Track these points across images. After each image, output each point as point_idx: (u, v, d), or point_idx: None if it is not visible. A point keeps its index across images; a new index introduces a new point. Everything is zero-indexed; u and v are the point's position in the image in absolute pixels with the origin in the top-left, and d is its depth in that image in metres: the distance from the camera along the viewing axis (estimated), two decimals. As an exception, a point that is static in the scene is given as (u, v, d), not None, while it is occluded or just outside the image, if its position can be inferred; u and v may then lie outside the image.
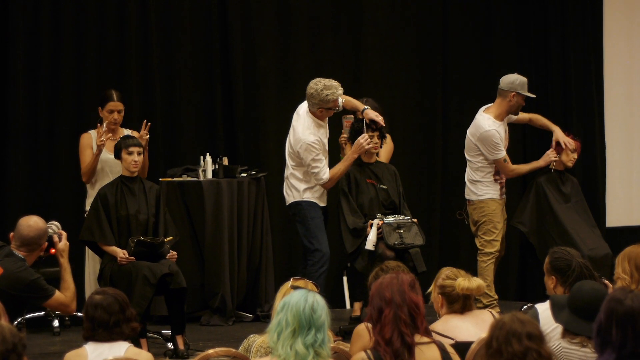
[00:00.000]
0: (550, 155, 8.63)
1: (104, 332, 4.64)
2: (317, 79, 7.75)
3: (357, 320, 8.14)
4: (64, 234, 6.21)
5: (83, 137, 7.96)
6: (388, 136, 8.29)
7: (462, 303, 4.99)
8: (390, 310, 4.10)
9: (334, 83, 7.71)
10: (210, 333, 8.21)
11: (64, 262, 6.12)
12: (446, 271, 5.07)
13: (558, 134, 8.56)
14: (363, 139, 7.84)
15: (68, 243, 6.20)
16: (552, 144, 8.67)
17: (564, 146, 8.54)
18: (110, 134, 7.74)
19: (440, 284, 5.02)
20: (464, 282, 4.94)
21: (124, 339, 4.70)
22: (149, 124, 7.82)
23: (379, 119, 7.89)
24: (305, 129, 7.73)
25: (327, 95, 7.64)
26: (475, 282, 4.97)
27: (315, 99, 7.68)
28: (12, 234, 6.08)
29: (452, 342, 4.72)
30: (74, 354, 4.71)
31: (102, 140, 7.67)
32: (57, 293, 6.01)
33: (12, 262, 5.91)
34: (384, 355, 4.07)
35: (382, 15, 9.84)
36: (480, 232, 8.30)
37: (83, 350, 4.68)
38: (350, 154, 7.90)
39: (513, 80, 8.17)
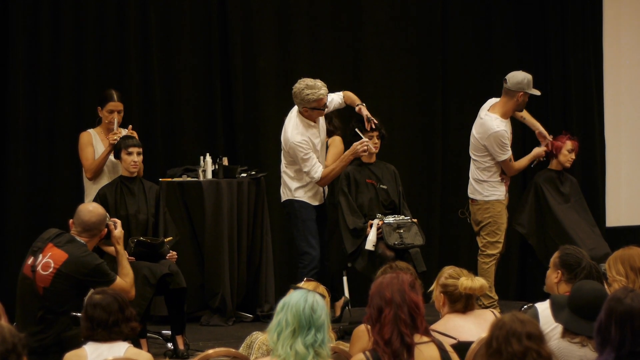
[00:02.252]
0: (540, 153, 8.62)
1: (102, 331, 4.64)
2: (303, 79, 7.77)
3: (338, 320, 8.17)
4: (119, 222, 6.34)
5: (83, 135, 7.93)
6: (338, 138, 8.26)
7: (464, 302, 4.98)
8: (390, 310, 4.08)
9: (317, 83, 7.71)
10: (210, 333, 8.21)
11: (120, 249, 6.27)
12: (449, 270, 5.05)
13: (541, 130, 8.64)
14: (360, 144, 7.83)
15: (123, 230, 6.31)
16: (548, 145, 8.70)
17: (546, 139, 8.58)
18: (120, 132, 7.70)
19: (443, 282, 5.00)
20: (467, 281, 4.92)
21: (123, 339, 4.70)
22: (130, 126, 7.82)
23: (370, 118, 7.89)
24: (293, 129, 7.75)
25: (308, 94, 7.66)
26: (478, 281, 4.95)
27: (297, 98, 7.72)
28: (71, 221, 6.17)
29: (454, 342, 4.71)
30: (73, 354, 4.71)
31: (115, 139, 7.63)
32: (118, 279, 6.11)
33: (75, 247, 5.98)
34: (382, 356, 4.06)
35: (382, 15, 9.84)
36: (483, 232, 8.26)
37: (82, 351, 4.68)
38: (346, 154, 7.90)
39: (520, 80, 8.11)
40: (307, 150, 7.72)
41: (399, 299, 4.09)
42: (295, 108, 7.84)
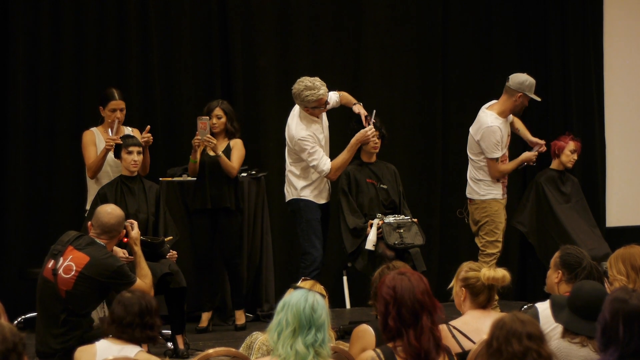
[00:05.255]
0: (530, 157, 8.50)
1: (116, 328, 4.60)
2: (302, 78, 7.77)
3: (204, 331, 8.09)
4: (135, 223, 6.36)
5: (85, 134, 7.90)
6: (240, 140, 8.23)
7: (487, 295, 4.92)
8: (426, 316, 4.07)
9: (316, 83, 7.70)
10: (210, 333, 8.21)
11: (138, 249, 6.30)
12: (468, 264, 5.01)
13: (530, 138, 8.55)
14: (370, 129, 7.82)
15: (139, 231, 6.32)
16: (551, 147, 8.68)
17: (537, 142, 8.52)
18: (117, 138, 7.65)
19: (464, 276, 4.95)
20: (489, 272, 4.87)
21: (135, 343, 4.64)
22: (149, 126, 7.79)
23: (365, 116, 7.90)
24: (297, 125, 7.76)
25: (307, 96, 7.66)
26: (500, 271, 4.90)
27: (297, 99, 7.73)
28: (89, 223, 6.19)
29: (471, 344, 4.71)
30: (84, 348, 4.71)
31: (111, 145, 7.60)
32: (138, 280, 6.11)
33: (96, 250, 5.99)
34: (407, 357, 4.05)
35: (382, 15, 9.85)
36: (482, 232, 8.25)
37: (93, 347, 4.66)
38: (352, 142, 7.88)
39: (523, 81, 8.09)
40: (312, 144, 7.73)
41: (430, 303, 4.10)
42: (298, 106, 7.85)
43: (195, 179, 8.24)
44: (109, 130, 7.73)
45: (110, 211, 6.15)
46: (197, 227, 8.19)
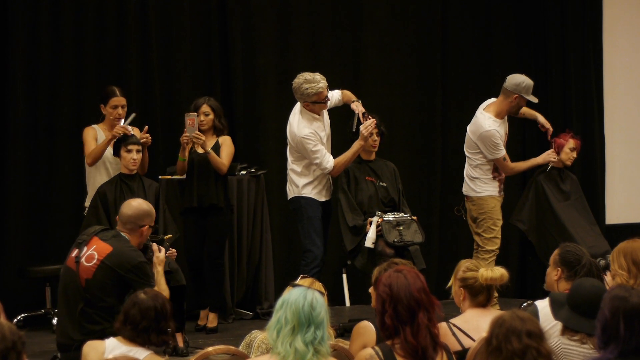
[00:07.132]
0: (550, 155, 8.63)
1: (131, 331, 4.57)
2: (302, 73, 7.77)
3: (214, 331, 8.08)
4: (163, 249, 6.33)
5: (87, 129, 7.89)
6: (229, 137, 8.22)
7: (486, 295, 4.91)
8: (423, 313, 4.07)
9: (316, 77, 7.71)
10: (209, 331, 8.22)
11: (161, 270, 6.25)
12: (465, 263, 5.00)
13: (540, 118, 8.55)
14: (364, 127, 7.83)
15: (165, 258, 6.30)
16: (551, 143, 8.68)
17: (545, 126, 8.50)
18: (127, 128, 7.64)
19: (462, 276, 4.94)
20: (487, 272, 4.86)
21: (149, 347, 4.63)
22: (147, 126, 7.79)
23: (362, 113, 7.90)
24: (299, 123, 7.76)
25: (307, 89, 7.66)
26: (498, 271, 4.88)
27: (297, 93, 7.73)
28: (117, 217, 6.19)
29: (466, 343, 4.70)
30: (92, 343, 4.70)
31: (119, 133, 7.56)
32: (156, 289, 6.05)
33: (120, 242, 6.01)
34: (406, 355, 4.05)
35: (381, 14, 9.85)
36: (479, 229, 8.27)
37: (102, 344, 4.64)
38: (357, 142, 7.88)
39: (519, 83, 8.09)
40: (315, 142, 7.72)
41: (427, 300, 4.09)
42: (299, 103, 7.84)
43: (184, 177, 8.19)
44: (121, 120, 7.72)
45: (132, 203, 6.18)
46: (187, 227, 8.15)
